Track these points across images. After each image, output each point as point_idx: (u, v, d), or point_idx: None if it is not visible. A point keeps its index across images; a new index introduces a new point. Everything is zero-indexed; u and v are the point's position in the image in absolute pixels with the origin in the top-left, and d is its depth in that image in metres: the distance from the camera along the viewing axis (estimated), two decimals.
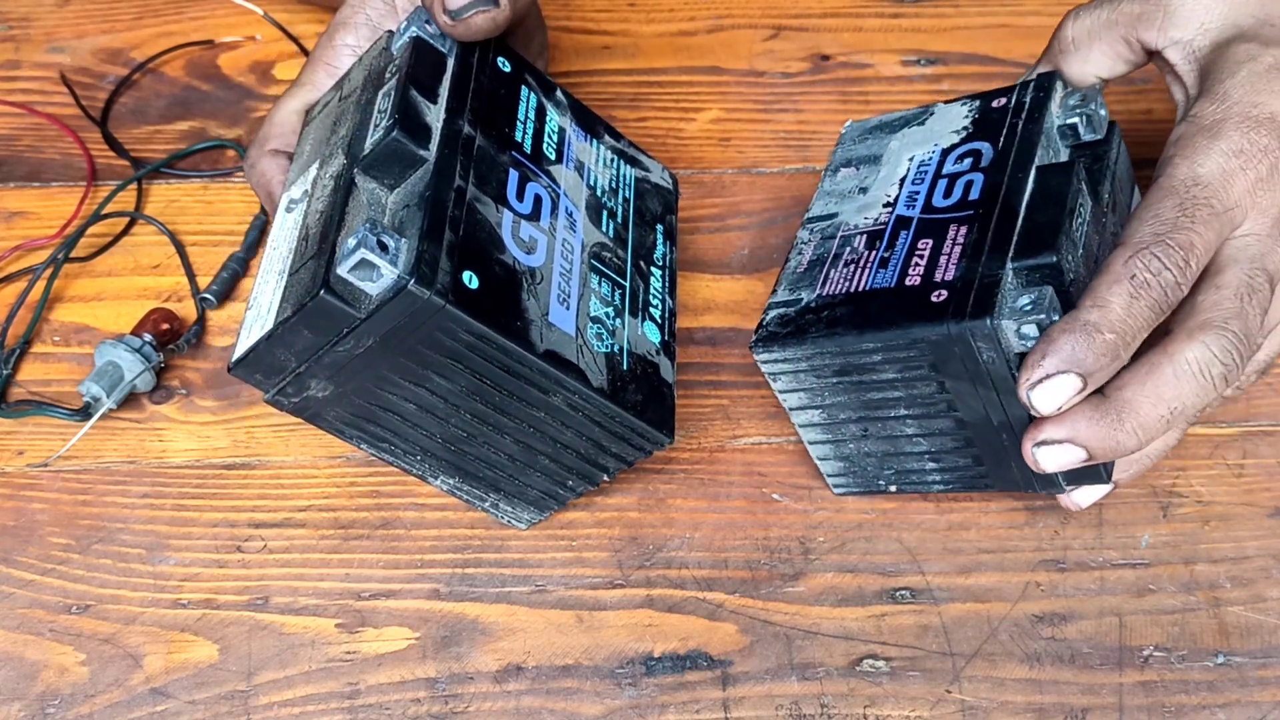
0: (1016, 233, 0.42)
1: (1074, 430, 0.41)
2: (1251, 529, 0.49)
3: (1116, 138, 0.47)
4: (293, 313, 0.39)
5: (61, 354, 0.54)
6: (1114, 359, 0.40)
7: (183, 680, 0.45)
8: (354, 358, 0.40)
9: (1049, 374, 0.39)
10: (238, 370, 0.42)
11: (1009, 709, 0.44)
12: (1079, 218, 0.43)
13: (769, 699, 0.45)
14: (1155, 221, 0.41)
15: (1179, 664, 0.46)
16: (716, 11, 0.68)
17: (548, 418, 0.43)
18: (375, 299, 0.39)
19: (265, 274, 0.44)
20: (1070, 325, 0.39)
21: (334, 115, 0.47)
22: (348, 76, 0.48)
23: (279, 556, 0.48)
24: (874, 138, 0.52)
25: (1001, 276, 0.41)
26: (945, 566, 0.48)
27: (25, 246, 0.58)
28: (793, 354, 0.45)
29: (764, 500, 0.50)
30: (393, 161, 0.41)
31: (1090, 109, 0.46)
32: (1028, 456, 0.41)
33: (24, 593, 0.47)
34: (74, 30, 0.67)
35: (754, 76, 0.65)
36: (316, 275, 0.39)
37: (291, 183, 0.46)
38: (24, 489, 0.50)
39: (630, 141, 0.52)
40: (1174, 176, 0.42)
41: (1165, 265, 0.40)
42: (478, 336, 0.40)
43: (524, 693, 0.45)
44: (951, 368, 0.42)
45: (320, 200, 0.43)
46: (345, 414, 0.43)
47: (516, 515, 0.48)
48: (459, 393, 0.42)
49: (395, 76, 0.43)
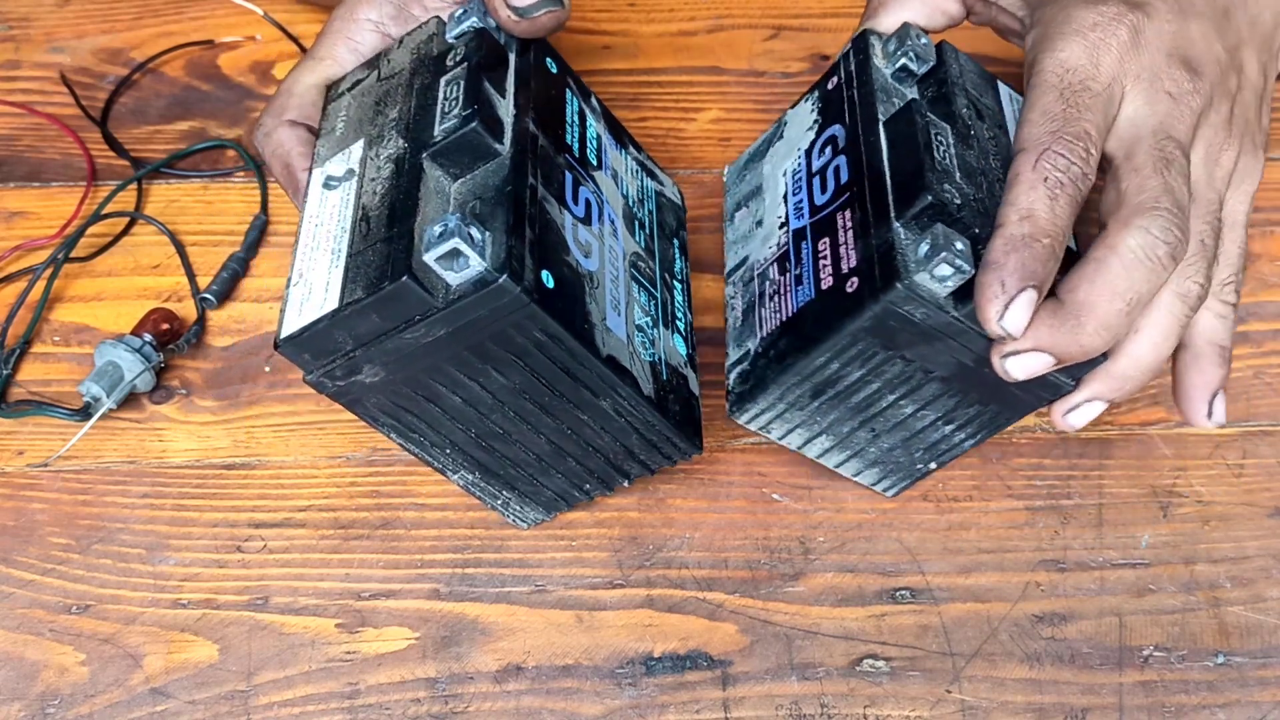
0: (889, 192, 0.42)
1: (1037, 337, 0.40)
2: (1251, 529, 0.49)
3: (949, 54, 0.47)
4: (365, 295, 0.38)
5: (61, 354, 0.54)
6: (1054, 260, 0.40)
7: (183, 680, 0.45)
8: (419, 346, 0.40)
9: (1011, 296, 0.39)
10: (286, 347, 0.40)
11: (1009, 709, 0.44)
12: (941, 146, 0.43)
13: (769, 699, 0.45)
14: (1045, 119, 0.41)
15: (1179, 664, 0.46)
16: (716, 11, 0.68)
17: (590, 420, 0.43)
18: (455, 289, 0.38)
19: (309, 250, 0.42)
20: (1009, 244, 0.39)
21: (375, 95, 0.46)
22: (386, 57, 0.47)
23: (279, 556, 0.48)
24: (750, 171, 0.52)
25: (893, 238, 0.41)
26: (945, 566, 0.48)
27: (25, 246, 0.58)
28: (765, 402, 0.45)
29: (764, 500, 0.50)
30: (465, 152, 0.41)
31: (910, 45, 0.46)
32: (998, 369, 0.41)
33: (24, 593, 0.47)
34: (74, 30, 0.67)
35: (754, 76, 0.65)
36: (394, 259, 0.38)
37: (325, 158, 0.45)
38: (24, 489, 0.50)
39: (647, 154, 0.52)
40: (1044, 72, 0.42)
41: (1070, 160, 0.40)
42: (551, 336, 0.40)
43: (524, 693, 0.45)
44: (901, 339, 0.42)
45: (378, 182, 0.42)
46: (387, 402, 0.42)
47: (523, 515, 0.48)
48: (510, 390, 0.42)
49: (462, 65, 0.43)
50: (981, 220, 0.41)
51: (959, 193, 0.42)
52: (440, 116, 0.42)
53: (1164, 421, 0.52)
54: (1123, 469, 0.51)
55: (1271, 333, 0.56)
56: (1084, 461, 0.51)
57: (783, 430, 0.47)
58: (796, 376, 0.44)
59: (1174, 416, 0.53)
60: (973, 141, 0.44)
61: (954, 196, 0.41)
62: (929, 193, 0.41)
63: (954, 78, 0.46)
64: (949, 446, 0.47)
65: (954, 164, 0.43)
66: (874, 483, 0.49)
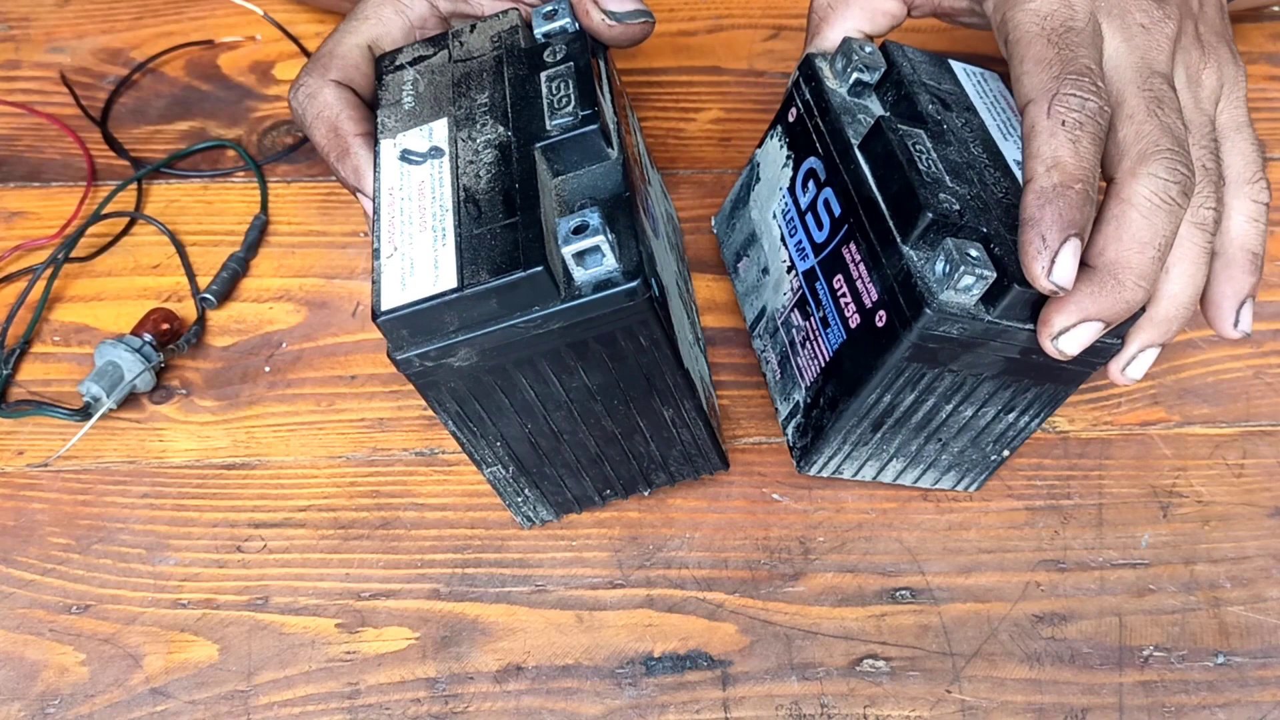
0: (887, 217, 0.42)
1: (1082, 309, 0.40)
2: (1251, 529, 0.49)
3: (896, 53, 0.47)
4: (491, 278, 0.38)
5: (61, 354, 0.54)
6: (1090, 205, 0.39)
7: (183, 680, 0.45)
8: (527, 337, 0.40)
9: (1055, 249, 0.39)
10: (386, 320, 0.39)
11: (1009, 709, 0.44)
12: (922, 155, 0.43)
13: (769, 699, 0.45)
14: (1041, 66, 0.41)
15: (1179, 664, 0.46)
16: (716, 11, 0.68)
17: (646, 427, 0.44)
18: (580, 285, 0.39)
19: (398, 223, 0.41)
20: (1041, 197, 0.39)
21: (451, 75, 0.46)
22: (456, 39, 0.47)
23: (279, 556, 0.48)
24: (737, 219, 0.52)
25: (908, 264, 0.41)
26: (945, 566, 0.48)
27: (25, 246, 0.58)
28: (830, 450, 0.46)
29: (764, 500, 0.50)
30: (578, 151, 0.41)
31: (857, 58, 0.46)
32: (1051, 351, 0.41)
33: (24, 593, 0.47)
34: (74, 30, 0.67)
35: (754, 76, 0.65)
36: (524, 247, 0.38)
37: (396, 130, 0.45)
38: (24, 489, 0.50)
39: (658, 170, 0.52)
40: (1022, 25, 0.42)
41: (1083, 97, 0.40)
42: (654, 343, 0.40)
43: (524, 693, 0.45)
44: (943, 355, 0.42)
45: (480, 166, 0.42)
46: (464, 388, 0.41)
47: (534, 514, 0.48)
48: (585, 390, 0.42)
49: (567, 64, 0.43)
50: (985, 216, 0.41)
51: (955, 197, 0.41)
52: (550, 111, 0.42)
53: (1164, 421, 0.53)
54: (1123, 469, 0.51)
55: (1271, 333, 0.56)
56: (1084, 461, 0.51)
57: (854, 468, 0.47)
58: (854, 418, 0.45)
59: (1174, 417, 0.53)
60: (949, 137, 0.44)
61: (952, 203, 0.41)
62: (928, 210, 0.41)
63: (909, 76, 0.46)
64: (1016, 432, 0.47)
65: (940, 169, 0.42)
66: (954, 485, 0.49)
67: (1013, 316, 0.41)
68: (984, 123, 0.46)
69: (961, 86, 0.48)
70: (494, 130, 0.43)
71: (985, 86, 0.49)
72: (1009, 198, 0.43)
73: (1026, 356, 0.42)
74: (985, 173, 0.44)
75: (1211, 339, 0.55)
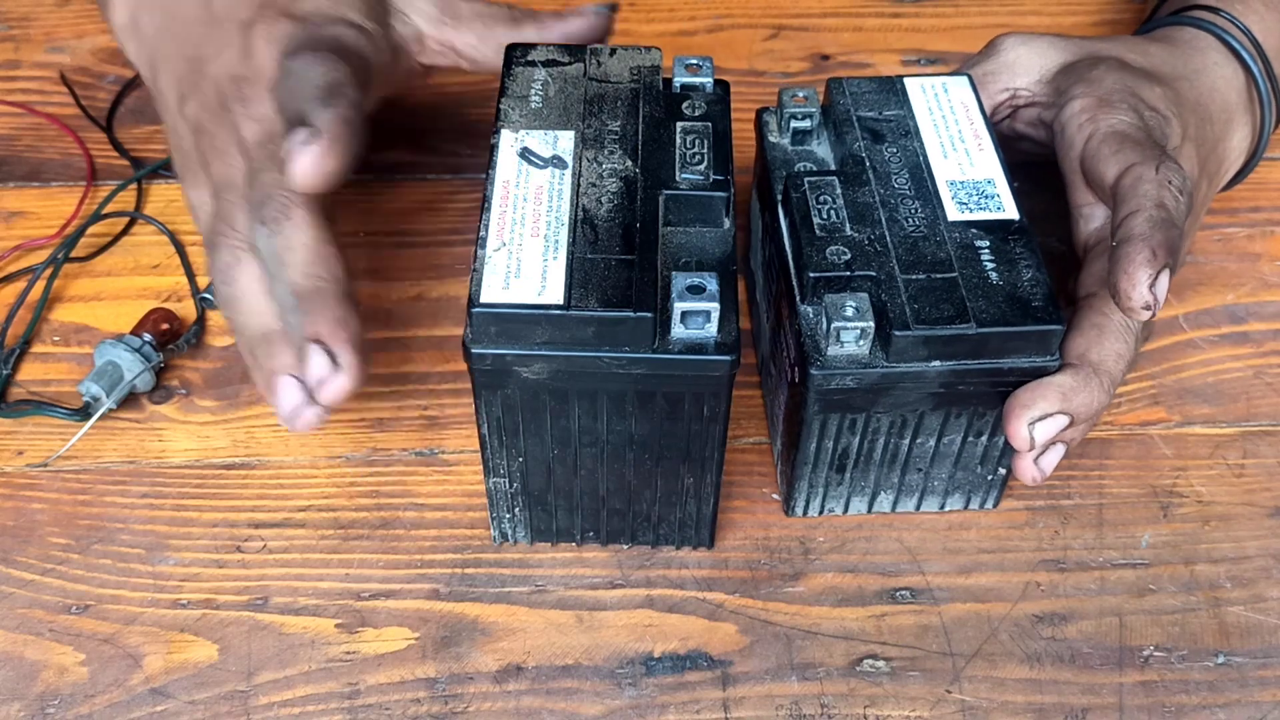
0: (793, 274, 0.44)
1: (1066, 401, 0.42)
2: (1251, 529, 0.49)
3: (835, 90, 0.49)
4: (599, 307, 0.39)
5: (61, 354, 0.54)
6: (1179, 257, 0.42)
7: (183, 680, 0.45)
8: (604, 372, 0.40)
9: (1162, 264, 0.41)
10: (482, 313, 0.39)
11: (1009, 709, 0.44)
12: (823, 205, 0.44)
13: (769, 699, 0.45)
14: (1142, 147, 0.45)
15: (1179, 664, 0.46)
16: (716, 11, 0.68)
17: (661, 485, 0.44)
18: (673, 341, 0.40)
19: (510, 220, 0.42)
20: (1153, 222, 0.42)
21: (585, 91, 0.46)
22: (595, 56, 0.48)
23: (279, 556, 0.48)
24: (753, 264, 0.54)
25: (802, 322, 0.43)
26: (945, 566, 0.48)
27: (25, 246, 0.58)
28: (804, 493, 0.47)
29: (764, 500, 0.50)
30: (699, 210, 0.43)
31: (790, 110, 0.48)
32: (1019, 435, 0.42)
33: (24, 593, 0.47)
34: (74, 30, 0.67)
35: (754, 76, 0.65)
36: (638, 288, 0.39)
37: (520, 125, 0.45)
38: (24, 489, 0.50)
39: None
40: (1116, 127, 0.46)
41: (1183, 175, 0.44)
42: (714, 416, 0.41)
43: (524, 693, 0.45)
44: (857, 403, 0.43)
45: (603, 193, 0.42)
46: (517, 398, 0.42)
47: (512, 532, 0.48)
48: (626, 437, 0.43)
49: (705, 123, 0.45)
50: (880, 260, 0.43)
51: (850, 246, 0.43)
52: (681, 162, 0.43)
53: (1164, 421, 0.53)
54: (1123, 469, 0.51)
55: (1271, 333, 0.56)
56: (1084, 461, 0.51)
57: (841, 505, 0.48)
58: (807, 465, 0.46)
59: (1174, 417, 0.53)
60: (866, 175, 0.46)
61: (842, 254, 0.43)
62: (808, 269, 0.42)
63: (842, 114, 0.48)
64: (999, 451, 0.47)
65: (843, 215, 0.44)
66: (965, 505, 0.49)
67: (910, 358, 0.42)
68: (921, 145, 0.47)
69: (910, 107, 0.48)
70: (621, 162, 0.43)
71: (942, 100, 0.49)
72: (919, 230, 0.44)
73: (952, 389, 0.43)
74: (900, 206, 0.45)
75: (1212, 339, 0.55)
